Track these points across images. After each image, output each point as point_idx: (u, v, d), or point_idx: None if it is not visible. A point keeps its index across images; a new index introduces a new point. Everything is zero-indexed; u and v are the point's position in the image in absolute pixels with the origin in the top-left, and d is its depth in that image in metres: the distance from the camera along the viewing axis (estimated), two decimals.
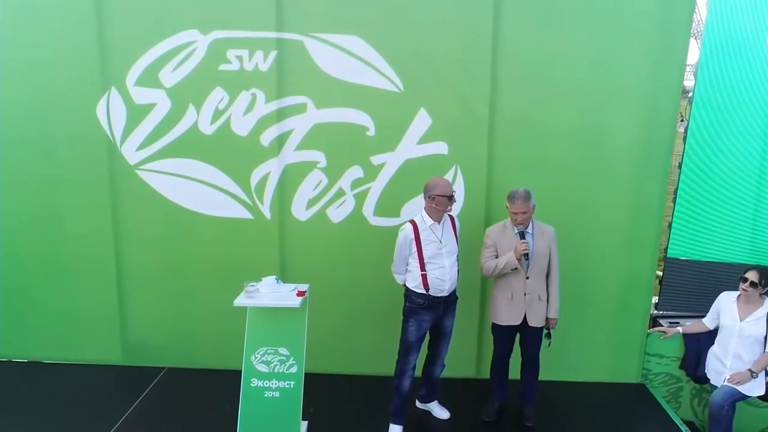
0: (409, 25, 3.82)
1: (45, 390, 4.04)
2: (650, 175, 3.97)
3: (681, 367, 4.28)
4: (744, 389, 3.73)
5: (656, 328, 4.17)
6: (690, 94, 4.22)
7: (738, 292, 3.81)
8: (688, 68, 4.27)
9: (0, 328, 4.33)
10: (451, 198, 3.34)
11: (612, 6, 3.79)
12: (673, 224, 4.30)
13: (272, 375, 3.36)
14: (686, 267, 4.35)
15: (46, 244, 4.17)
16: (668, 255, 4.34)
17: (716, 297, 3.96)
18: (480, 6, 3.76)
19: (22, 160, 4.06)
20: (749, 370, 3.71)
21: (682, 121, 4.54)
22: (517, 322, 3.53)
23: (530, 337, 3.63)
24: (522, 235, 3.41)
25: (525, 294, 3.48)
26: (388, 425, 3.56)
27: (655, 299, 4.42)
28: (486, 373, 3.91)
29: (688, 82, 4.43)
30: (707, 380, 4.03)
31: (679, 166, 4.22)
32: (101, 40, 3.86)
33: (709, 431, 3.92)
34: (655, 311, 4.44)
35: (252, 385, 3.35)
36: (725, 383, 3.75)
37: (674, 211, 4.26)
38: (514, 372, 3.80)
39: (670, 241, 4.32)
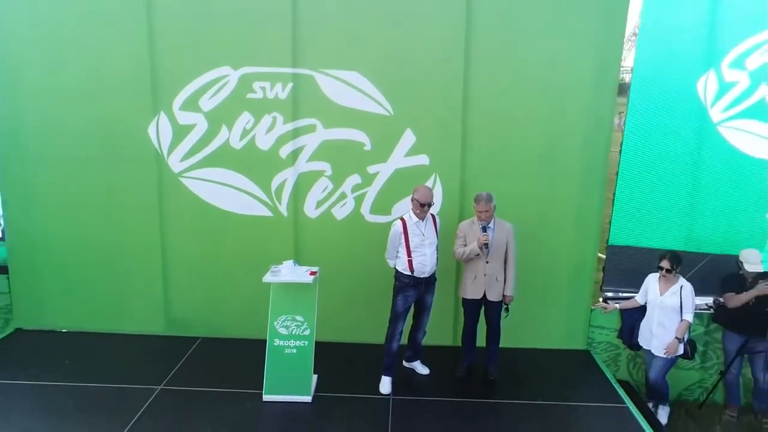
0: (398, 63, 4.79)
1: (104, 355, 4.99)
2: (591, 182, 4.94)
3: (618, 336, 5.25)
4: (679, 350, 4.66)
5: (598, 305, 5.16)
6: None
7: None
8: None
9: (66, 305, 5.32)
10: (424, 205, 4.30)
11: (560, 45, 4.75)
12: (614, 216, 5.22)
13: (290, 336, 4.34)
14: (625, 252, 5.29)
15: (106, 236, 5.14)
16: (609, 243, 5.30)
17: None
18: (454, 48, 4.74)
19: (86, 170, 5.02)
20: (676, 337, 4.66)
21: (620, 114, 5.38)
22: (479, 297, 4.52)
23: (491, 310, 4.61)
24: (484, 229, 4.39)
25: (485, 275, 4.46)
26: (381, 377, 4.55)
27: None
28: (459, 341, 4.90)
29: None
30: (640, 347, 4.99)
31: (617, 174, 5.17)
32: (153, 74, 4.84)
33: (652, 398, 4.90)
34: (607, 293, 5.38)
35: (275, 344, 4.33)
36: (663, 356, 4.62)
37: (614, 204, 5.19)
38: (483, 342, 4.78)
39: (611, 231, 5.27)
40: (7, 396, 4.37)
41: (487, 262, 4.44)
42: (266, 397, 4.29)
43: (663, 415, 4.90)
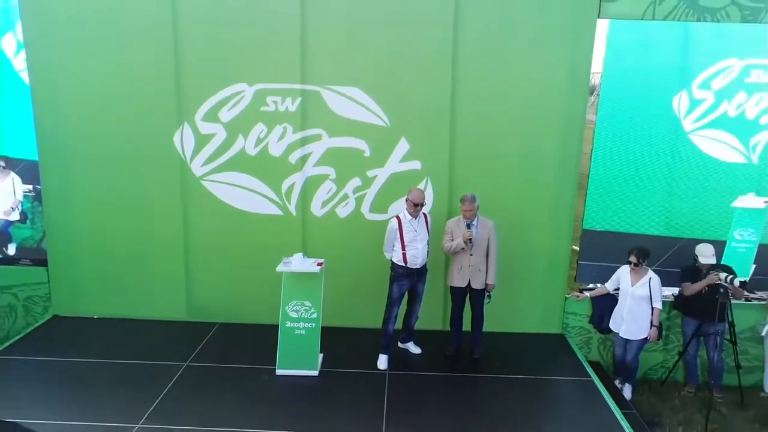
0: (393, 80, 5.43)
1: (133, 338, 5.64)
2: (564, 182, 5.57)
3: (590, 322, 5.92)
4: (639, 335, 5.29)
5: (572, 294, 5.82)
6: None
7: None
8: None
9: (98, 293, 5.97)
10: (417, 205, 4.95)
11: (536, 61, 5.37)
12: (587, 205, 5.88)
13: (300, 319, 4.99)
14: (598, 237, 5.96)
15: (135, 232, 5.78)
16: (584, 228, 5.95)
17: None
18: (442, 67, 5.36)
19: (118, 172, 5.66)
20: (654, 325, 5.26)
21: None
22: (464, 285, 5.17)
23: (475, 297, 5.26)
24: (468, 226, 5.04)
25: (469, 266, 5.11)
26: (379, 355, 5.21)
27: None
28: (448, 325, 5.55)
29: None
30: (610, 331, 5.64)
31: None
32: (178, 89, 5.47)
33: (620, 376, 5.56)
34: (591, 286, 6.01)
35: (287, 326, 4.99)
36: (641, 337, 5.27)
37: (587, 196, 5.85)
38: (469, 326, 5.43)
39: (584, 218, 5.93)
40: (48, 372, 5.02)
41: (471, 255, 5.09)
42: (279, 372, 4.95)
43: (627, 391, 5.56)
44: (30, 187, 6.23)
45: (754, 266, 5.96)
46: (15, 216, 6.24)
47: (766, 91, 5.66)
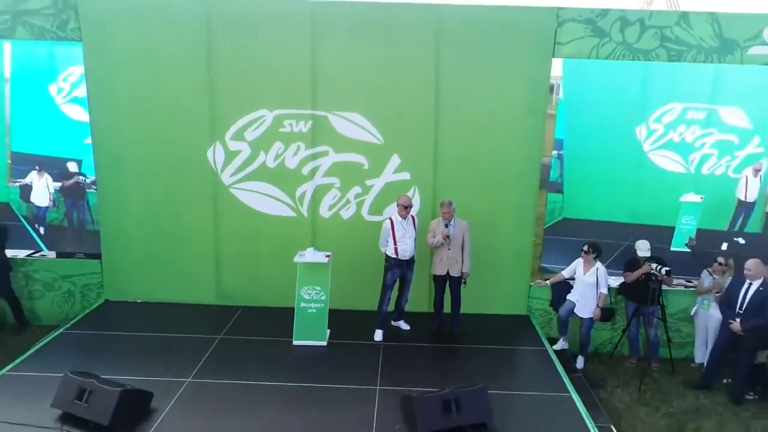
0: (388, 106, 6.66)
1: (171, 317, 6.84)
2: (527, 188, 6.80)
3: (550, 305, 7.14)
4: (587, 314, 6.51)
5: (535, 281, 7.06)
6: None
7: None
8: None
9: (141, 281, 7.19)
10: (406, 208, 6.18)
11: (502, 90, 6.59)
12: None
13: (311, 300, 6.22)
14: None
15: (173, 230, 7.00)
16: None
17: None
18: (427, 96, 6.60)
19: (161, 182, 6.87)
20: (598, 306, 6.52)
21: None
22: (444, 273, 6.40)
23: (453, 283, 6.48)
24: (446, 225, 6.27)
25: (448, 258, 6.34)
26: (375, 330, 6.44)
27: None
28: (432, 308, 6.77)
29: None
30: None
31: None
32: (211, 114, 6.69)
33: (581, 348, 6.76)
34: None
35: (301, 306, 6.22)
36: (588, 316, 6.51)
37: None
38: (449, 309, 6.65)
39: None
40: (106, 343, 6.23)
41: (449, 249, 6.32)
42: (295, 342, 6.19)
43: (580, 362, 6.78)
44: (59, 184, 7.47)
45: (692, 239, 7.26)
46: (49, 203, 7.50)
47: (698, 124, 6.92)
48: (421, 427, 4.52)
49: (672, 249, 7.21)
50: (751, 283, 5.94)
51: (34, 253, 7.47)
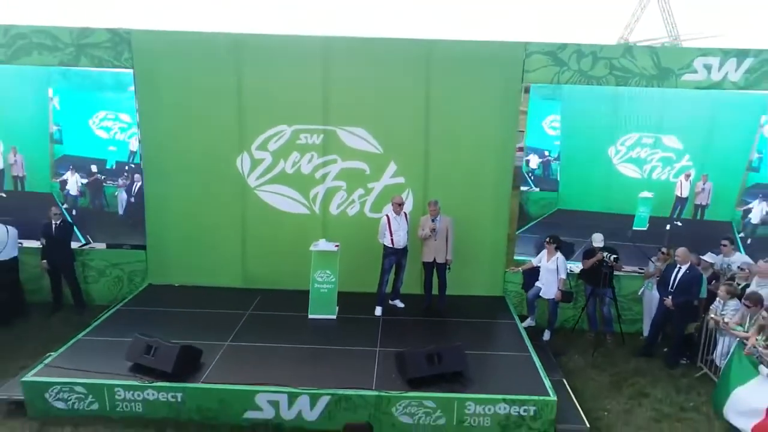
0: (386, 122, 8.05)
1: (206, 298, 8.23)
2: (501, 191, 8.20)
3: (522, 288, 8.52)
4: (550, 296, 7.90)
5: (509, 268, 8.44)
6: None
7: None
8: None
9: (179, 268, 8.57)
10: (399, 205, 7.57)
11: (483, 113, 7.98)
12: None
13: (323, 282, 7.60)
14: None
15: (207, 225, 8.40)
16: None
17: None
18: (419, 113, 7.99)
19: (198, 184, 8.27)
20: (559, 289, 7.90)
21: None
22: (431, 260, 7.80)
23: (440, 268, 7.87)
24: (433, 221, 7.66)
25: (434, 247, 7.73)
26: (375, 307, 7.83)
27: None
28: (422, 289, 8.15)
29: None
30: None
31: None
32: (240, 129, 8.10)
33: (549, 324, 8.12)
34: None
35: (315, 286, 7.60)
36: (551, 298, 7.90)
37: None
38: (437, 290, 8.03)
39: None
40: (152, 318, 7.61)
41: (435, 240, 7.71)
42: (310, 316, 7.57)
43: (546, 335, 8.15)
44: (85, 180, 8.79)
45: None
46: (77, 193, 8.83)
47: (648, 147, 8.31)
48: (410, 373, 5.91)
49: (633, 228, 8.63)
50: (680, 267, 7.32)
51: (84, 245, 8.85)
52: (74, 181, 8.83)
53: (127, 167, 8.73)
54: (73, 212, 8.88)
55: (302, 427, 5.79)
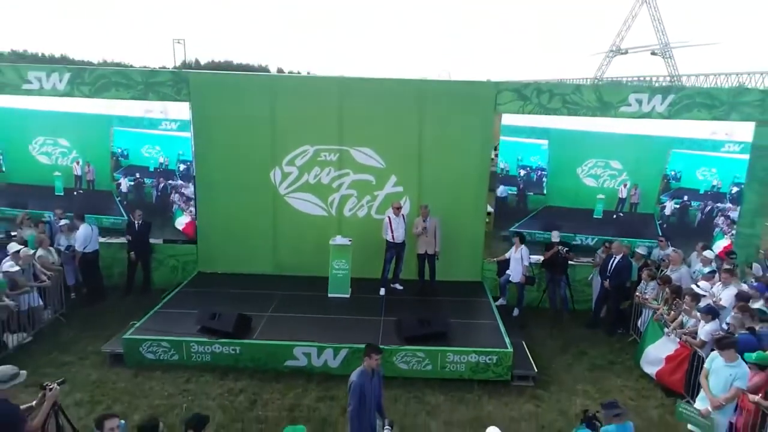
0: (389, 143, 10.23)
1: (244, 282, 10.40)
2: (479, 195, 10.38)
3: (496, 275, 10.69)
4: (517, 279, 10.07)
5: (486, 258, 10.62)
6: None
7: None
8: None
9: (222, 258, 10.75)
10: (398, 209, 9.76)
11: (466, 135, 10.15)
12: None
13: (340, 269, 9.79)
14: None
15: (246, 225, 10.58)
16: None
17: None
18: (413, 136, 10.17)
19: (240, 193, 10.45)
20: (523, 275, 10.06)
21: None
22: (423, 252, 9.99)
23: (429, 259, 10.06)
24: (424, 221, 9.84)
25: (425, 242, 9.92)
26: (379, 288, 10.02)
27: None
28: (417, 275, 10.33)
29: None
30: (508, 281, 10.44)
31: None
32: (272, 149, 10.28)
33: (518, 303, 10.28)
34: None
35: (333, 272, 9.79)
36: (518, 281, 10.07)
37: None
38: (428, 275, 10.20)
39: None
40: (206, 296, 9.77)
41: (426, 236, 9.89)
42: (330, 295, 9.77)
43: (515, 311, 10.31)
44: (132, 183, 10.89)
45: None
46: (127, 190, 11.02)
47: (600, 167, 10.46)
48: (404, 333, 8.10)
49: (594, 216, 10.73)
50: (615, 257, 9.49)
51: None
52: (126, 182, 10.99)
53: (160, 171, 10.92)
54: (125, 203, 11.01)
55: (328, 371, 7.95)
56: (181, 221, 10.93)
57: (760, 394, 6.05)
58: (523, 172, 10.66)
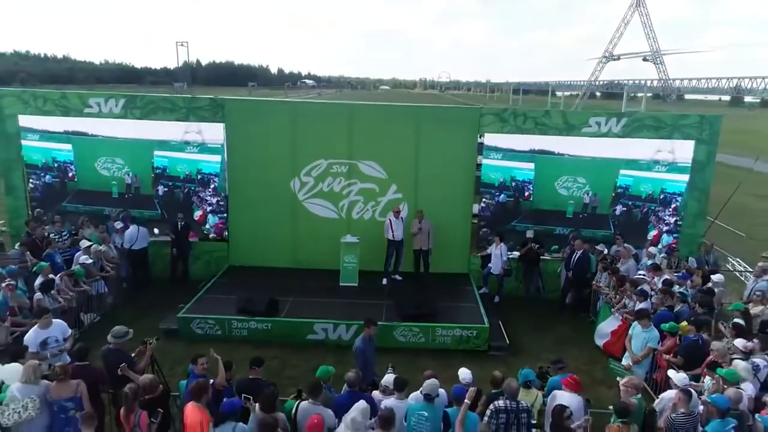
0: (390, 157, 12.22)
1: (268, 274, 12.38)
2: (466, 199, 12.38)
3: (481, 267, 12.68)
4: (498, 271, 12.05)
5: (472, 254, 12.62)
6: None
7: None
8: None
9: (248, 253, 12.73)
10: (397, 212, 11.77)
11: (456, 148, 12.14)
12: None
13: (349, 262, 11.79)
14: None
15: (269, 226, 12.56)
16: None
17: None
18: (411, 154, 12.17)
19: (265, 200, 12.45)
20: (502, 267, 12.05)
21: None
22: (419, 248, 11.99)
23: (424, 254, 12.07)
24: (419, 223, 11.83)
25: (421, 240, 11.91)
26: (382, 279, 12.03)
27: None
28: (413, 268, 12.32)
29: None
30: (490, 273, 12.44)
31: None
32: (292, 161, 12.28)
33: (498, 291, 12.27)
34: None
35: (344, 265, 11.79)
36: (497, 273, 12.05)
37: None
38: (422, 268, 12.20)
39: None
40: (239, 286, 11.74)
41: (421, 235, 11.88)
42: (341, 283, 11.77)
43: (496, 299, 12.29)
44: (166, 189, 12.95)
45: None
46: (161, 194, 13.05)
47: (572, 182, 12.47)
48: (402, 313, 10.11)
49: (566, 216, 12.68)
50: (576, 252, 11.49)
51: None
52: (162, 188, 12.98)
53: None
54: (161, 203, 13.01)
55: (341, 343, 9.92)
56: (211, 223, 12.96)
57: (671, 354, 8.06)
58: (515, 184, 12.69)
